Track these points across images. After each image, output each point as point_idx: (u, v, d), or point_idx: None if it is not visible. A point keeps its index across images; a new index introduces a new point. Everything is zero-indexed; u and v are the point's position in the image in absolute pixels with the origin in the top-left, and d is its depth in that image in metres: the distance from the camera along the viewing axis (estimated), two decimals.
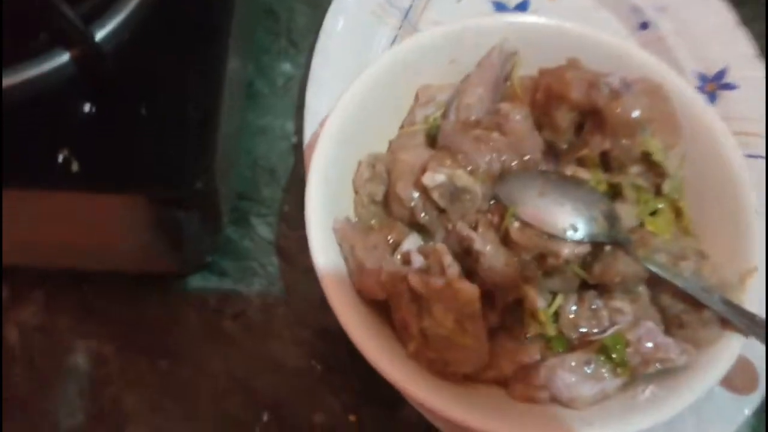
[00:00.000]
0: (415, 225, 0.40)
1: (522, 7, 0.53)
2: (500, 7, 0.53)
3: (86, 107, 0.36)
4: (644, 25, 0.52)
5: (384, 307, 0.38)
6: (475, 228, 0.38)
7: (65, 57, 0.36)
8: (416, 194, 0.39)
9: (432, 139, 0.43)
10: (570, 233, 0.37)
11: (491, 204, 0.39)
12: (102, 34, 0.36)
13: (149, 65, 0.37)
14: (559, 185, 0.39)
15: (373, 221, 0.41)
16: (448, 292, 0.35)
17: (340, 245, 0.39)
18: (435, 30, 0.43)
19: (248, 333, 0.45)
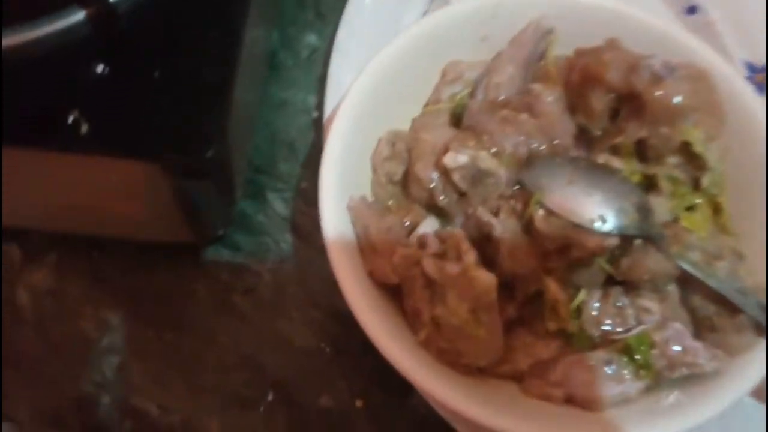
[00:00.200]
0: (434, 208, 0.38)
1: None
2: None
3: (99, 68, 0.35)
4: (692, 9, 0.50)
5: (396, 292, 0.37)
6: (497, 214, 0.37)
7: (80, 15, 0.35)
8: (436, 175, 0.38)
9: (457, 119, 0.41)
10: (598, 224, 0.35)
11: (515, 189, 0.37)
12: None
13: (165, 27, 0.36)
14: (589, 173, 0.37)
15: (390, 202, 0.39)
16: (464, 280, 0.34)
17: (354, 224, 0.37)
18: (468, 3, 0.41)
19: (258, 310, 0.44)
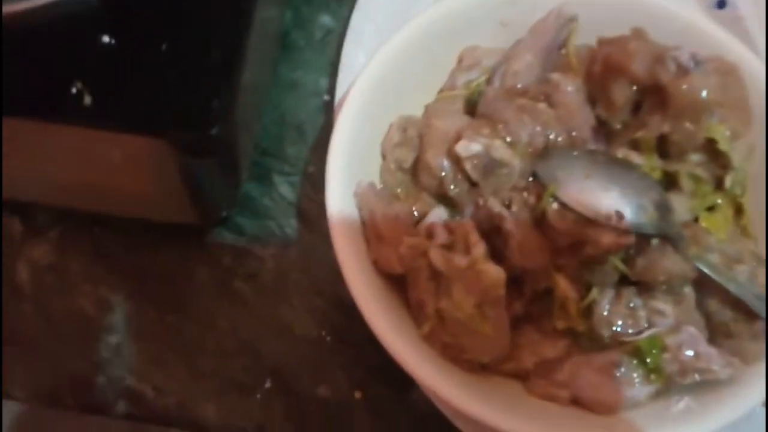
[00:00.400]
0: (443, 198, 0.37)
1: None
2: None
3: (105, 39, 0.34)
4: (721, 4, 0.48)
5: (400, 283, 0.36)
6: (508, 206, 0.35)
7: None
8: (447, 164, 0.36)
9: (472, 107, 0.39)
10: (614, 221, 0.33)
11: (529, 181, 0.36)
12: None
13: (174, 0, 0.35)
14: (608, 167, 0.35)
15: (399, 190, 0.38)
16: (471, 273, 0.33)
17: (360, 211, 0.36)
18: None
19: (259, 295, 0.43)
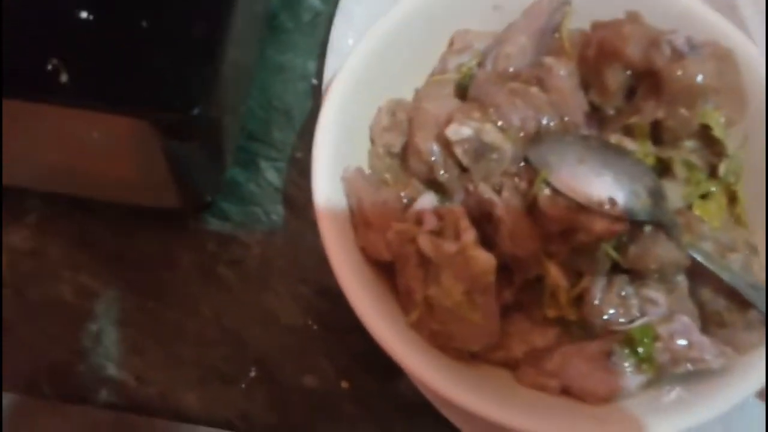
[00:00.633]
0: (433, 183, 0.36)
1: None
2: None
3: (83, 14, 0.32)
4: None
5: (388, 270, 0.35)
6: (499, 192, 0.35)
7: None
8: (437, 148, 0.36)
9: (463, 91, 0.39)
10: (607, 207, 0.33)
11: (520, 167, 0.35)
12: None
13: None
14: (601, 153, 0.34)
15: (388, 175, 0.37)
16: (461, 260, 0.32)
17: (348, 197, 0.35)
18: None
19: (244, 282, 0.42)
